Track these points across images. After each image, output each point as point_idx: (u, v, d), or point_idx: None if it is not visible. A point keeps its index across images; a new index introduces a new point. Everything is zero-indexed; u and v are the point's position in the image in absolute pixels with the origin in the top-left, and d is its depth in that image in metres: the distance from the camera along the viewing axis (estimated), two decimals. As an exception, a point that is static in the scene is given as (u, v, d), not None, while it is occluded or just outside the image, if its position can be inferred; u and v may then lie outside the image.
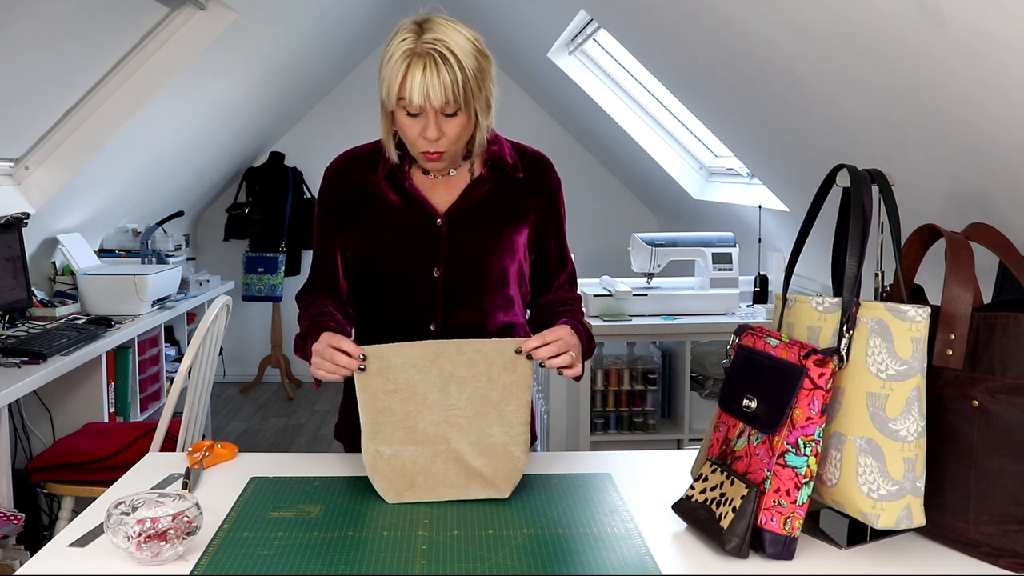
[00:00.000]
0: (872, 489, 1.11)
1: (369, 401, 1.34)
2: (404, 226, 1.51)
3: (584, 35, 4.01)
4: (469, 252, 1.51)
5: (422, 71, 1.33)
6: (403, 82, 1.35)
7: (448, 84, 1.34)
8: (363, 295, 1.58)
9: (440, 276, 1.50)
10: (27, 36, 2.54)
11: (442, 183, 1.53)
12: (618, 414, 3.36)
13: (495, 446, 1.33)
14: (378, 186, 1.52)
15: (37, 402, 2.94)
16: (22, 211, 3.05)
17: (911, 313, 1.11)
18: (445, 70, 1.34)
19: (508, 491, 1.34)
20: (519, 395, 1.34)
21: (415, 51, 1.34)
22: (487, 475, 1.33)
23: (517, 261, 1.55)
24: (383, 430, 1.33)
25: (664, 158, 4.46)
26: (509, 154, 1.54)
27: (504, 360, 1.34)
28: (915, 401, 1.11)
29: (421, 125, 1.38)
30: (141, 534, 1.10)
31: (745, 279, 3.42)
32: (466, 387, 1.34)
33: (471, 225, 1.51)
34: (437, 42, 1.34)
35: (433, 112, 1.37)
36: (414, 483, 1.33)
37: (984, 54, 1.43)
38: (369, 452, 1.33)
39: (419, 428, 1.34)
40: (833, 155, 2.20)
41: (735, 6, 2.16)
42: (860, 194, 1.20)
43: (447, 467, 1.33)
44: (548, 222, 1.59)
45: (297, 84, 4.88)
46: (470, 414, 1.34)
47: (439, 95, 1.34)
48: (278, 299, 5.31)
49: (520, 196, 1.54)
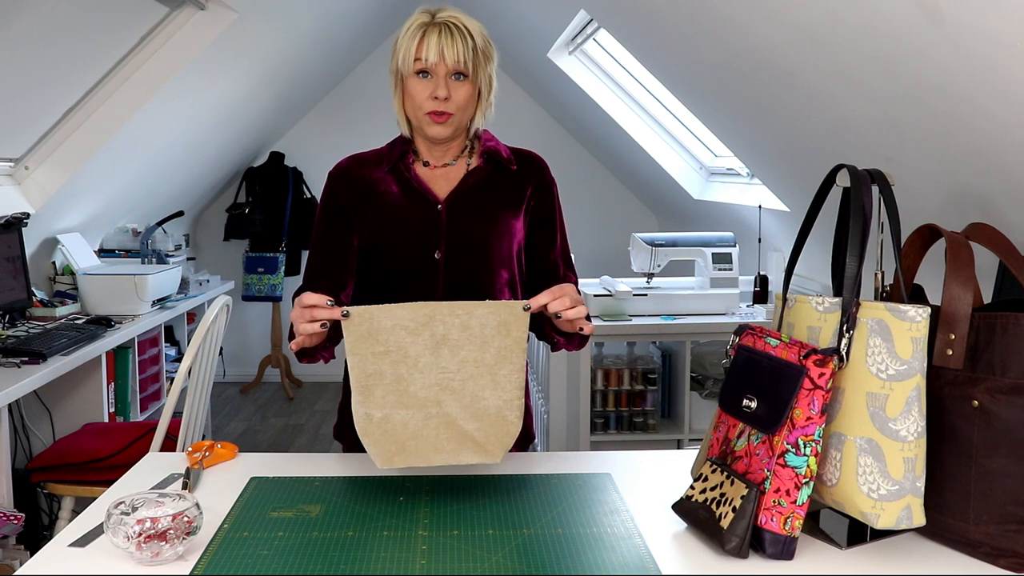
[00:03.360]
0: (872, 489, 1.11)
1: (359, 364, 1.31)
2: (405, 213, 1.56)
3: (584, 35, 4.01)
4: (469, 235, 1.56)
5: (438, 35, 1.49)
6: (420, 44, 1.49)
7: (460, 48, 1.49)
8: (366, 282, 1.60)
9: (441, 259, 1.55)
10: (27, 36, 2.54)
11: (441, 174, 1.60)
12: (618, 414, 3.36)
13: (488, 410, 1.31)
14: (382, 181, 1.59)
15: (37, 402, 2.94)
16: (22, 211, 3.05)
17: (911, 313, 1.11)
18: (459, 36, 1.49)
19: (500, 456, 1.31)
20: (513, 359, 1.31)
21: (431, 22, 1.50)
22: (479, 439, 1.31)
23: (516, 244, 1.60)
24: (373, 393, 1.31)
25: (664, 158, 4.46)
26: (504, 151, 1.63)
27: (498, 323, 1.31)
28: (915, 401, 1.11)
29: (432, 86, 1.50)
30: (141, 534, 1.10)
31: (745, 279, 3.42)
32: (459, 351, 1.31)
33: (470, 209, 1.57)
34: (452, 17, 1.51)
35: (444, 74, 1.49)
36: (405, 447, 1.30)
37: (984, 54, 1.43)
38: (359, 415, 1.31)
39: (410, 391, 1.31)
40: (833, 155, 2.20)
41: (735, 6, 2.16)
42: (860, 194, 1.20)
43: (439, 431, 1.31)
44: (545, 214, 1.63)
45: (297, 84, 4.88)
46: (463, 377, 1.31)
47: (452, 55, 1.48)
48: (278, 299, 5.31)
49: (515, 184, 1.61)
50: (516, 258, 1.61)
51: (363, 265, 1.60)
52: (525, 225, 1.62)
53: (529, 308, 1.32)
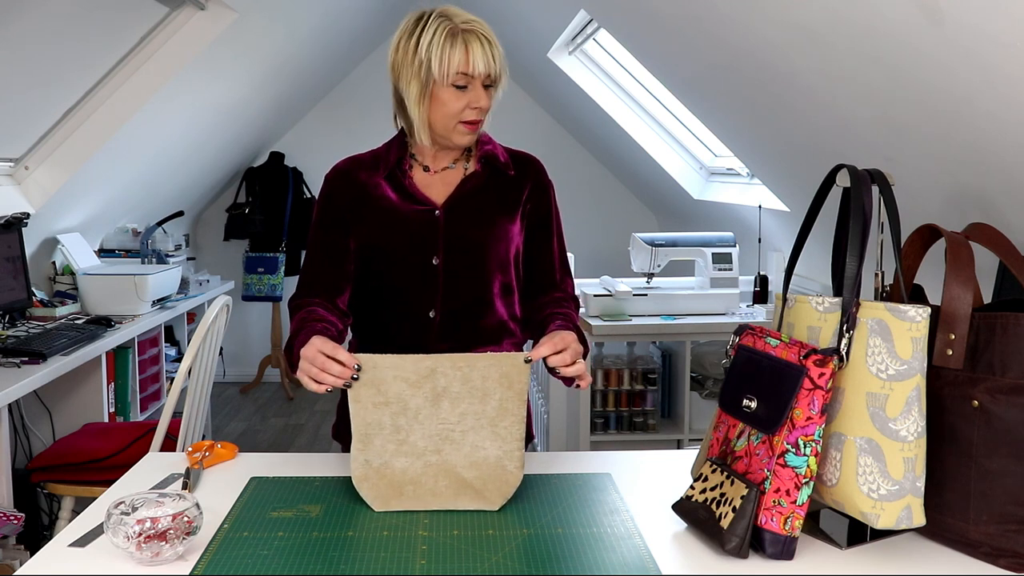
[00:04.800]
0: (872, 489, 1.11)
1: (360, 412, 1.31)
2: (404, 219, 1.55)
3: (584, 35, 4.01)
4: (467, 239, 1.55)
5: (480, 44, 1.46)
6: (465, 55, 1.46)
7: (497, 55, 1.49)
8: (363, 287, 1.59)
9: (440, 264, 1.54)
10: (27, 35, 2.54)
11: (439, 179, 1.58)
12: (618, 414, 3.36)
13: (488, 459, 1.31)
14: (379, 187, 1.57)
15: (37, 402, 2.93)
16: (22, 211, 3.05)
17: (911, 313, 1.11)
18: (494, 43, 1.49)
19: (498, 504, 1.31)
20: (514, 411, 1.31)
21: (463, 29, 1.47)
22: (477, 487, 1.31)
23: (514, 248, 1.59)
24: (372, 442, 1.31)
25: (664, 158, 4.46)
26: (501, 154, 1.61)
27: (500, 375, 1.31)
28: (915, 401, 1.11)
29: (469, 97, 1.48)
30: (141, 534, 1.10)
31: (745, 279, 3.42)
32: (459, 403, 1.31)
33: (468, 214, 1.56)
34: (475, 22, 1.48)
35: (479, 83, 1.48)
36: (402, 492, 1.31)
37: (984, 54, 1.43)
38: (358, 462, 1.31)
39: (410, 440, 1.31)
40: (833, 155, 2.20)
41: (735, 6, 2.16)
42: (860, 194, 1.20)
43: (437, 478, 1.31)
44: (541, 216, 1.62)
45: (297, 84, 4.88)
46: (463, 429, 1.31)
47: (494, 65, 1.48)
48: (278, 299, 5.31)
49: (512, 188, 1.60)
50: (513, 262, 1.60)
51: (360, 268, 1.59)
52: (522, 229, 1.61)
53: (530, 361, 1.32)
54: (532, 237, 1.62)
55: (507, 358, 1.32)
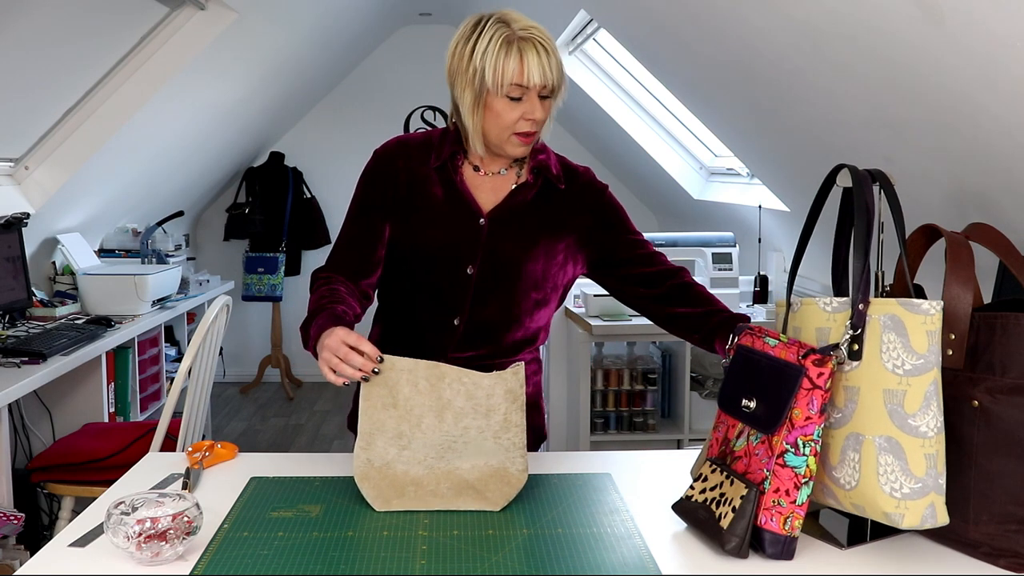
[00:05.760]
0: (895, 488, 1.09)
1: (368, 410, 1.32)
2: (446, 221, 1.51)
3: (584, 35, 4.01)
4: (505, 254, 1.51)
5: (536, 53, 1.40)
6: (520, 64, 1.40)
7: (555, 65, 1.42)
8: (393, 281, 1.56)
9: (474, 274, 1.50)
10: (27, 36, 2.54)
11: (489, 183, 1.54)
12: (618, 414, 3.36)
13: (491, 464, 1.32)
14: (428, 178, 1.52)
15: (37, 402, 2.93)
16: (22, 211, 3.05)
17: (925, 306, 1.10)
18: (552, 52, 1.42)
19: (500, 504, 1.31)
20: (518, 421, 1.32)
21: (520, 37, 1.40)
22: (479, 488, 1.31)
23: (554, 266, 1.54)
24: (375, 442, 1.32)
25: (664, 158, 4.45)
26: (554, 165, 1.56)
27: (506, 391, 1.32)
28: (933, 396, 1.09)
29: (523, 108, 1.43)
30: (141, 534, 1.10)
31: (745, 279, 3.42)
32: (463, 418, 1.32)
33: (512, 229, 1.51)
34: (533, 29, 1.42)
35: (535, 93, 1.42)
36: (404, 492, 1.31)
37: (984, 53, 1.43)
38: (360, 460, 1.32)
39: (412, 447, 1.32)
40: (833, 155, 2.20)
41: (735, 6, 2.16)
42: (863, 192, 1.20)
43: (439, 480, 1.31)
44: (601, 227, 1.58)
45: (297, 84, 4.88)
46: (466, 440, 1.32)
47: (551, 76, 1.42)
48: (278, 299, 5.31)
49: (561, 208, 1.55)
50: (550, 280, 1.55)
51: (392, 258, 1.54)
52: (583, 245, 1.56)
53: None
54: (615, 240, 1.57)
55: (511, 375, 1.33)
